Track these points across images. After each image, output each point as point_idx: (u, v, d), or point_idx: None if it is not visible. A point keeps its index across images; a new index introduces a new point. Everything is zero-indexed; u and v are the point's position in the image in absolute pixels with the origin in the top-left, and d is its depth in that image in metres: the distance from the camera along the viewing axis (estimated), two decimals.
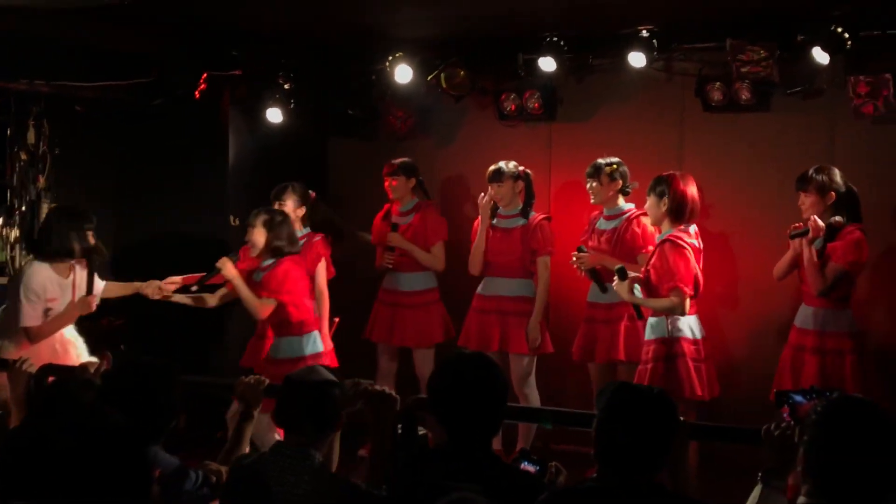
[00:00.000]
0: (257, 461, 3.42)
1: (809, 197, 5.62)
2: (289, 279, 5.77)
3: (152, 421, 3.39)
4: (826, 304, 5.56)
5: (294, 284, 5.80)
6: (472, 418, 3.19)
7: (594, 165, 6.30)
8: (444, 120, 7.51)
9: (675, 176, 5.60)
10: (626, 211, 6.29)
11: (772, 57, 6.06)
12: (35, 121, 6.96)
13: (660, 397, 3.00)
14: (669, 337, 5.52)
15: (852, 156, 6.20)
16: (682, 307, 5.47)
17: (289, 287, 5.77)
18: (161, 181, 7.50)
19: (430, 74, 7.01)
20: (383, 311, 6.90)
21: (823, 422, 2.73)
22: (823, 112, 6.31)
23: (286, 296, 5.77)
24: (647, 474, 2.92)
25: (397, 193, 6.92)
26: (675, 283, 5.43)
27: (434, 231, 6.89)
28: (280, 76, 7.24)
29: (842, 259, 5.47)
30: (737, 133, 6.56)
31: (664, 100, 6.76)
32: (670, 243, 5.47)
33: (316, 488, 3.29)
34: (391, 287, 6.96)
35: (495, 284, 6.56)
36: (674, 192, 5.54)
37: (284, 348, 5.85)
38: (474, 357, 3.32)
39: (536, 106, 7.03)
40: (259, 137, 7.47)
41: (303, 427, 3.40)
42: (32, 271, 5.53)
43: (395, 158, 6.97)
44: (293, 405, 3.44)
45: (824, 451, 2.69)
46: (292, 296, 5.80)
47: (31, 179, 6.95)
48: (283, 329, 5.85)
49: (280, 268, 5.79)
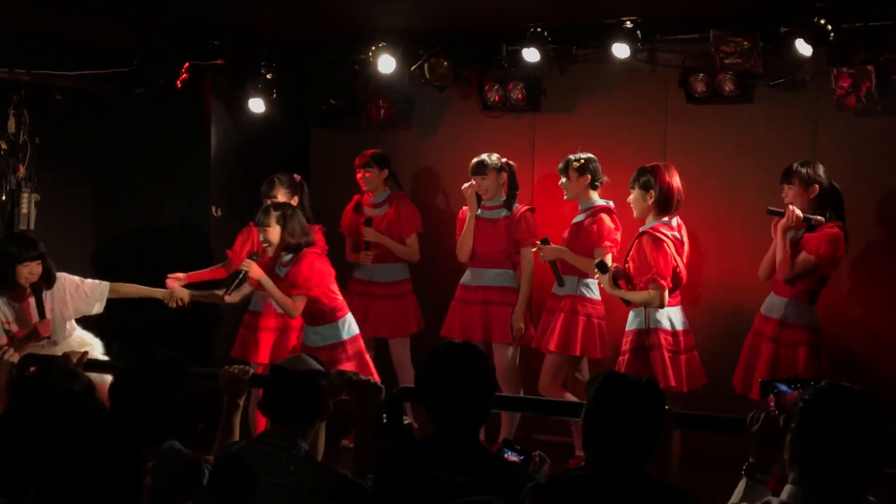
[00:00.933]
0: (243, 450, 3.41)
1: (792, 189, 5.65)
2: (314, 272, 5.82)
3: (166, 416, 3.38)
4: (792, 295, 5.60)
5: (320, 276, 5.85)
6: (460, 408, 3.19)
7: (565, 161, 6.30)
8: (428, 110, 7.49)
9: (660, 167, 5.61)
10: (596, 205, 6.28)
11: (755, 48, 6.08)
12: (15, 110, 6.89)
13: (648, 386, 3.01)
14: (646, 328, 5.58)
15: (835, 147, 6.23)
16: (660, 299, 5.53)
17: (316, 280, 5.82)
18: (142, 171, 7.47)
19: (414, 65, 6.99)
20: (356, 302, 6.82)
21: (810, 409, 2.74)
22: (806, 104, 6.33)
23: (316, 289, 5.82)
24: (635, 463, 2.92)
25: (370, 185, 6.91)
26: (653, 276, 5.47)
27: (408, 222, 6.89)
28: (262, 66, 7.21)
29: (814, 251, 5.50)
30: (720, 124, 6.57)
31: (648, 91, 6.76)
32: (648, 236, 5.50)
33: (301, 478, 3.29)
34: (364, 278, 6.94)
35: (479, 275, 6.56)
36: (660, 183, 5.55)
37: (323, 336, 5.93)
38: (463, 347, 3.32)
39: (520, 97, 7.01)
40: (241, 128, 7.44)
41: (289, 417, 3.39)
42: None
43: (370, 149, 6.95)
44: (279, 395, 3.43)
45: (811, 438, 2.70)
46: (321, 287, 5.86)
47: (12, 169, 6.89)
48: (319, 319, 5.92)
49: (304, 263, 5.82)
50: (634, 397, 2.94)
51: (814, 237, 5.53)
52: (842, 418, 2.69)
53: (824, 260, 5.51)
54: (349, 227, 7.02)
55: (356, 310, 6.79)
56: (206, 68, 7.19)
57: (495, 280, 6.51)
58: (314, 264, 5.83)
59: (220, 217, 7.38)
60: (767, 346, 5.64)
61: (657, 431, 2.96)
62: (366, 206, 6.98)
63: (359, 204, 7.02)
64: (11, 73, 6.72)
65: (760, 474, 3.11)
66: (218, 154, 7.39)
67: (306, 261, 5.82)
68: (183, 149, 7.39)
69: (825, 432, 2.69)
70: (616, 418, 2.91)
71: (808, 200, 5.62)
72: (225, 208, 7.41)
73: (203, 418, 6.43)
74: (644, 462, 2.96)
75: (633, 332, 5.71)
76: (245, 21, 6.93)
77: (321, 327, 5.93)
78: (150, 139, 7.40)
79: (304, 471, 3.30)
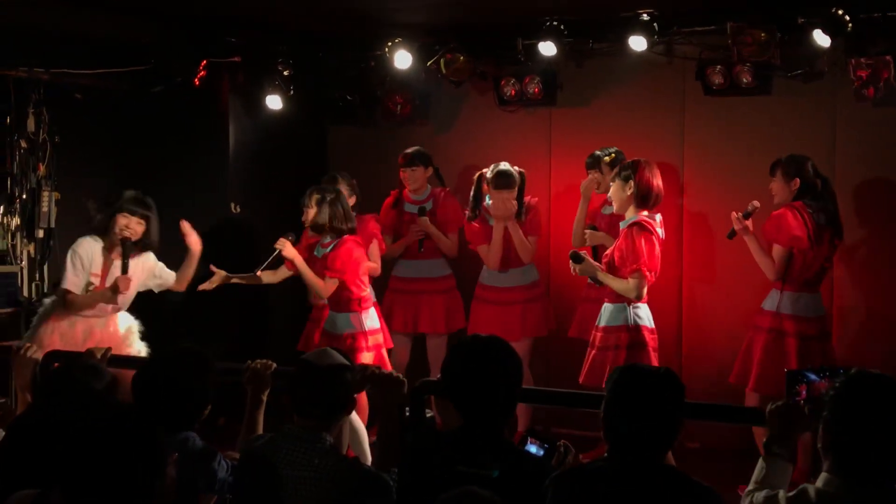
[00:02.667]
0: (268, 443, 3.43)
1: (775, 183, 5.72)
2: (352, 259, 5.85)
3: (185, 407, 3.41)
4: (784, 287, 5.67)
5: (356, 263, 5.88)
6: (486, 402, 3.18)
7: (593, 157, 6.31)
8: (444, 105, 7.50)
9: (641, 163, 5.53)
10: None
11: (772, 40, 6.05)
12: (35, 108, 6.94)
13: (668, 377, 3.01)
14: (634, 325, 5.45)
15: (853, 138, 6.21)
16: (639, 290, 5.39)
17: (352, 266, 5.85)
18: (161, 169, 7.48)
19: (430, 60, 7.00)
20: (403, 299, 6.85)
21: (842, 397, 2.75)
22: (824, 95, 6.31)
23: (350, 274, 5.85)
24: (656, 454, 2.93)
25: (415, 184, 6.87)
26: (638, 266, 5.36)
27: (453, 218, 6.87)
28: (279, 63, 7.23)
29: (770, 238, 5.64)
30: (738, 117, 6.56)
31: (665, 84, 6.75)
32: (638, 226, 5.41)
33: (326, 471, 3.30)
34: (410, 275, 6.91)
35: (499, 276, 6.57)
36: (639, 178, 5.44)
37: (343, 323, 5.93)
38: (489, 340, 3.31)
39: (536, 91, 7.02)
40: (259, 124, 7.46)
41: (314, 410, 3.41)
42: (83, 240, 5.67)
43: (407, 148, 6.91)
44: (305, 388, 3.44)
45: (844, 426, 2.72)
46: (355, 274, 5.89)
47: (32, 167, 6.94)
48: (344, 305, 5.93)
49: (343, 247, 5.85)
50: (653, 387, 2.94)
51: (766, 227, 5.65)
52: (874, 405, 2.71)
53: (781, 241, 5.60)
54: (391, 223, 6.98)
55: (403, 306, 6.82)
56: (224, 65, 7.21)
57: (517, 280, 6.50)
58: (353, 250, 5.86)
59: (238, 214, 7.40)
60: (761, 337, 5.68)
61: (678, 422, 2.96)
62: (407, 203, 6.95)
63: (398, 200, 6.99)
64: (30, 73, 6.76)
65: (778, 448, 3.11)
66: (236, 151, 7.41)
67: (346, 246, 5.86)
68: (201, 146, 7.41)
69: (858, 419, 2.71)
70: (635, 409, 2.91)
71: (790, 193, 5.68)
72: (243, 205, 7.44)
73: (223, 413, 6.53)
74: (665, 453, 2.96)
75: (619, 329, 5.48)
76: (261, 18, 6.95)
77: (342, 314, 5.94)
78: (169, 137, 7.42)
79: (328, 464, 3.32)
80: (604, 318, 5.56)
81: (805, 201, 5.63)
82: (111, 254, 5.65)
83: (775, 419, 3.19)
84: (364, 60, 7.41)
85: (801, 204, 5.63)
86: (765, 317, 5.73)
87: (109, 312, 5.67)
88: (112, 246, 5.65)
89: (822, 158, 6.24)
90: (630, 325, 5.44)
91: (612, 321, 5.50)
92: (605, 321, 5.54)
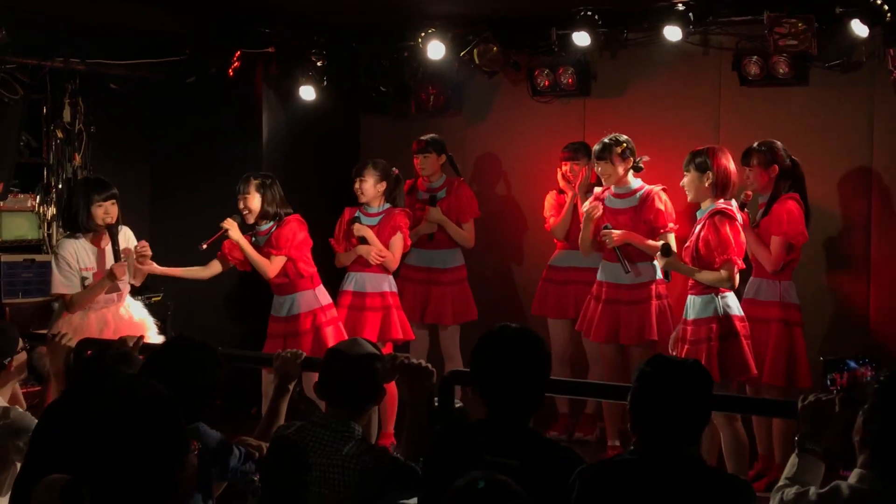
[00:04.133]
0: (298, 431, 3.44)
1: (753, 171, 5.65)
2: (295, 236, 5.99)
3: (195, 398, 3.42)
4: (759, 274, 5.70)
5: (303, 242, 6.03)
6: (513, 392, 3.15)
7: (602, 146, 6.11)
8: (477, 96, 7.48)
9: (715, 149, 5.43)
10: (638, 188, 6.15)
11: (810, 30, 5.97)
12: (70, 99, 7.00)
13: (694, 368, 2.98)
14: (724, 315, 5.30)
15: (892, 129, 6.12)
16: (733, 280, 5.27)
17: (297, 244, 5.99)
18: (195, 159, 7.54)
19: (463, 50, 6.98)
20: (413, 289, 6.83)
21: (885, 392, 2.71)
22: (862, 85, 6.22)
23: (295, 251, 5.99)
24: (684, 446, 2.89)
25: (427, 171, 6.85)
26: (728, 256, 5.23)
27: (467, 208, 6.84)
28: (312, 54, 7.23)
29: (780, 231, 5.58)
30: (774, 107, 6.47)
31: (700, 74, 6.69)
32: (721, 215, 5.28)
33: (354, 459, 3.31)
34: (422, 264, 6.87)
35: (570, 257, 6.58)
36: (717, 166, 5.33)
37: (300, 304, 6.06)
38: (517, 330, 3.29)
39: (570, 81, 6.98)
40: (292, 115, 7.49)
41: (344, 399, 3.42)
42: (64, 241, 5.73)
43: (425, 135, 6.89)
44: (336, 378, 3.45)
45: (886, 421, 2.67)
46: (301, 251, 6.03)
47: (68, 157, 7.00)
48: (297, 285, 6.06)
49: (286, 227, 6.00)
50: (681, 379, 2.91)
51: (773, 219, 5.57)
52: None
53: (790, 235, 5.56)
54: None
55: (414, 297, 6.79)
56: (258, 56, 7.24)
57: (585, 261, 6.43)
58: (296, 229, 6.02)
59: None
60: (774, 327, 5.61)
61: (705, 414, 2.93)
62: (421, 192, 6.94)
63: (413, 188, 6.97)
64: (66, 63, 6.81)
65: (811, 444, 3.07)
66: (269, 142, 7.44)
67: (289, 225, 6.03)
68: (235, 137, 7.44)
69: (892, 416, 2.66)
70: (662, 401, 2.89)
71: (769, 180, 5.65)
72: None
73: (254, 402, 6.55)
74: (694, 445, 2.92)
75: (710, 321, 5.31)
76: (295, 9, 6.96)
77: (297, 294, 6.07)
78: (203, 127, 7.46)
79: (357, 452, 3.33)
80: (692, 310, 5.39)
81: (800, 197, 5.61)
82: (100, 244, 5.69)
83: (809, 414, 3.14)
84: (397, 51, 7.41)
85: (798, 196, 5.60)
86: (772, 308, 5.63)
87: (116, 301, 5.71)
88: (97, 237, 5.69)
89: (860, 149, 6.17)
90: (720, 315, 5.29)
91: (701, 313, 5.33)
92: (693, 314, 5.37)
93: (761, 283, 5.67)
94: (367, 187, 6.32)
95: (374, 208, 6.41)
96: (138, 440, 2.45)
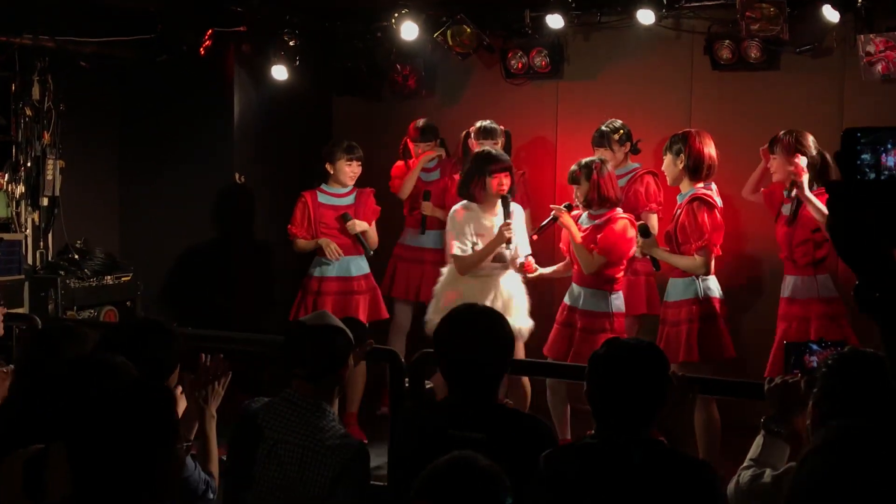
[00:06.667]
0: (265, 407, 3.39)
1: (776, 159, 5.48)
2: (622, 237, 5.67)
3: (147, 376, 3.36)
4: (797, 271, 5.46)
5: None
6: (474, 370, 3.16)
7: (600, 133, 6.22)
8: (450, 78, 7.47)
9: (692, 133, 5.45)
10: (632, 170, 6.29)
11: (781, 15, 6.00)
12: (40, 76, 6.92)
13: (647, 350, 2.98)
14: (704, 297, 5.34)
15: (861, 114, 6.15)
16: (707, 267, 5.30)
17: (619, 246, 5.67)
18: (166, 138, 7.49)
19: (437, 32, 6.95)
20: (405, 268, 6.85)
21: (832, 375, 2.74)
22: (833, 71, 6.27)
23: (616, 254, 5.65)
24: (641, 429, 2.89)
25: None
26: (704, 242, 5.26)
27: None
28: (285, 33, 7.19)
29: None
30: (745, 92, 6.52)
31: (672, 58, 6.71)
32: (699, 201, 5.31)
33: (335, 454, 3.23)
34: (414, 244, 6.88)
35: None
36: (690, 149, 5.36)
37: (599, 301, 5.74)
38: (480, 309, 3.31)
39: (543, 64, 6.98)
40: (264, 95, 7.44)
41: (307, 369, 3.34)
42: (455, 208, 5.91)
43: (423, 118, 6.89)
44: (299, 347, 3.39)
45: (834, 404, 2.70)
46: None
47: (37, 135, 6.92)
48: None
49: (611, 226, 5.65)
50: (633, 362, 2.91)
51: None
52: (865, 384, 2.67)
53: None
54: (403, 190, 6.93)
55: (405, 275, 6.81)
56: (230, 35, 7.18)
57: None
58: (625, 230, 5.65)
59: (242, 184, 7.40)
60: (781, 325, 5.49)
61: (660, 395, 2.93)
62: None
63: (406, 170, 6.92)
64: (35, 40, 6.73)
65: (777, 426, 3.10)
66: (241, 121, 7.39)
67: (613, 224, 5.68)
68: (206, 116, 7.39)
69: (848, 398, 2.68)
70: (615, 383, 2.89)
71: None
72: (248, 175, 7.43)
73: None
74: (649, 427, 2.92)
75: (689, 302, 5.35)
76: None
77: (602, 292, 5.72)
78: (174, 106, 7.41)
79: (338, 445, 3.25)
80: (672, 293, 5.44)
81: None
82: (490, 214, 5.82)
83: (774, 396, 3.17)
84: (370, 32, 7.36)
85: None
86: (785, 305, 5.54)
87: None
88: (490, 207, 5.81)
89: (830, 135, 6.19)
90: (701, 297, 5.33)
91: (681, 295, 5.37)
92: (674, 296, 5.41)
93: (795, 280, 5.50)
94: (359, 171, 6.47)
95: (345, 188, 6.43)
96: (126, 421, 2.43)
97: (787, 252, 5.49)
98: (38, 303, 6.61)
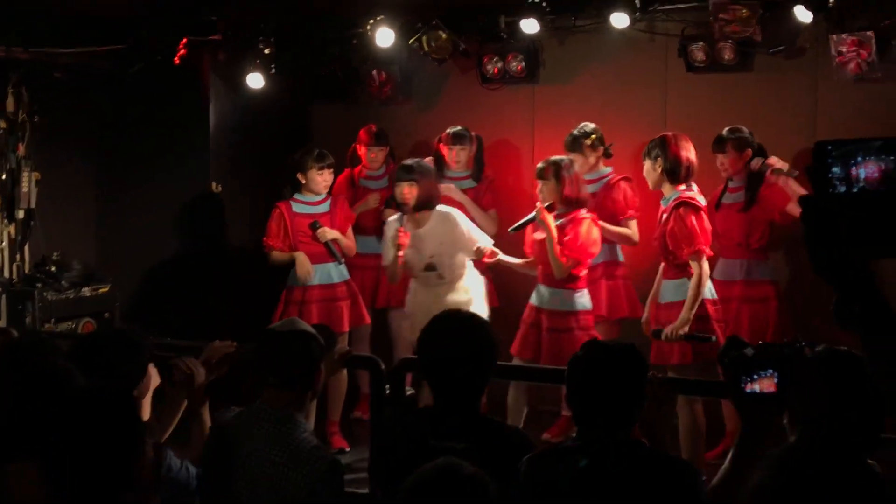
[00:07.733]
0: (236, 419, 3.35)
1: (729, 156, 5.83)
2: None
3: None
4: (750, 255, 5.85)
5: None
6: (457, 377, 3.16)
7: (573, 138, 6.26)
8: (427, 83, 7.47)
9: (668, 137, 5.47)
10: (605, 175, 6.32)
11: (754, 16, 6.05)
12: (14, 88, 6.88)
13: (628, 352, 3.01)
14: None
15: (835, 115, 6.22)
16: (701, 272, 5.25)
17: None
18: (142, 148, 7.45)
19: (412, 37, 6.95)
20: (361, 276, 6.78)
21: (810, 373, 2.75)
22: (806, 71, 6.31)
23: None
24: (621, 430, 2.92)
25: (376, 163, 6.93)
26: (696, 247, 5.24)
27: None
28: (260, 41, 7.17)
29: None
30: (719, 93, 6.56)
31: (647, 60, 6.75)
32: (685, 205, 5.30)
33: (294, 453, 3.20)
34: (376, 252, 6.77)
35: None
36: (667, 153, 5.38)
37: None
38: (463, 316, 3.31)
39: (519, 68, 6.99)
40: (240, 103, 7.42)
41: (279, 377, 3.30)
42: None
43: (375, 124, 6.92)
44: (270, 354, 3.35)
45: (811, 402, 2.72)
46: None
47: (11, 147, 6.88)
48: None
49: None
50: (612, 363, 2.94)
51: (775, 199, 5.74)
52: (841, 383, 2.69)
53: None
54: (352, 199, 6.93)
55: (363, 283, 6.77)
56: (204, 44, 7.16)
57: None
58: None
59: (219, 193, 7.38)
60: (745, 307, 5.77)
61: (638, 396, 2.95)
62: (365, 180, 6.95)
63: (352, 178, 6.96)
64: (9, 52, 6.69)
65: None
66: (217, 130, 7.37)
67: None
68: (182, 125, 7.36)
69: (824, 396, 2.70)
70: (594, 385, 2.92)
71: (743, 165, 5.83)
72: (224, 184, 7.41)
73: None
74: (629, 429, 2.95)
75: (681, 304, 5.28)
76: None
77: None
78: (150, 116, 7.37)
79: (302, 448, 3.21)
80: (665, 294, 5.44)
81: None
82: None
83: None
84: (346, 38, 7.35)
85: None
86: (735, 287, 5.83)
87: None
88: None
89: (803, 135, 6.24)
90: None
91: (674, 297, 5.36)
92: (667, 298, 5.41)
93: (751, 264, 5.86)
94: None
95: (319, 196, 6.42)
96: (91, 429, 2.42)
97: (740, 238, 5.83)
98: (15, 316, 6.58)
